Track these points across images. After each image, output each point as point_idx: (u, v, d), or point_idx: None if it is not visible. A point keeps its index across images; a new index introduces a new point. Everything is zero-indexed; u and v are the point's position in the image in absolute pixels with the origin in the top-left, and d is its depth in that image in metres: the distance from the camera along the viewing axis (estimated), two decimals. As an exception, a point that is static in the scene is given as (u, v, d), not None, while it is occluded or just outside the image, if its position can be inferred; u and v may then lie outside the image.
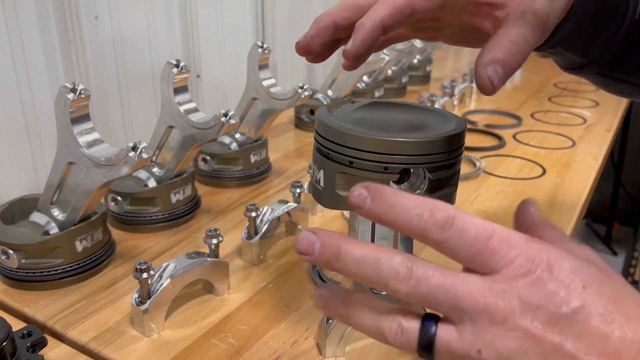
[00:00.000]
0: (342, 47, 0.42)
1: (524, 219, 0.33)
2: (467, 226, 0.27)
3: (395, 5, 0.37)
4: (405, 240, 0.46)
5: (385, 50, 1.09)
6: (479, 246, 0.27)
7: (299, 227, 0.69)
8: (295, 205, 0.67)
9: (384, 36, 0.39)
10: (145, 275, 0.50)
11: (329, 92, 1.09)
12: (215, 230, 0.56)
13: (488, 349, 0.26)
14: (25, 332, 0.45)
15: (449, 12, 0.40)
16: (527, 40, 0.37)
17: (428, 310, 0.29)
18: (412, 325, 0.28)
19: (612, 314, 0.25)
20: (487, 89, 0.36)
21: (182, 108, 0.67)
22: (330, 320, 0.48)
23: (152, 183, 0.70)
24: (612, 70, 0.47)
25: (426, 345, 0.27)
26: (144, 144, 0.54)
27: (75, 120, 0.56)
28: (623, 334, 0.25)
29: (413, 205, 0.28)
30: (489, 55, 0.36)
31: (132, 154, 0.53)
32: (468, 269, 0.28)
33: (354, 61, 0.40)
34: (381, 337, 0.29)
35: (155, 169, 0.71)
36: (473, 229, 0.27)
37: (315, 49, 0.42)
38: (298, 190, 0.68)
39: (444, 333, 0.27)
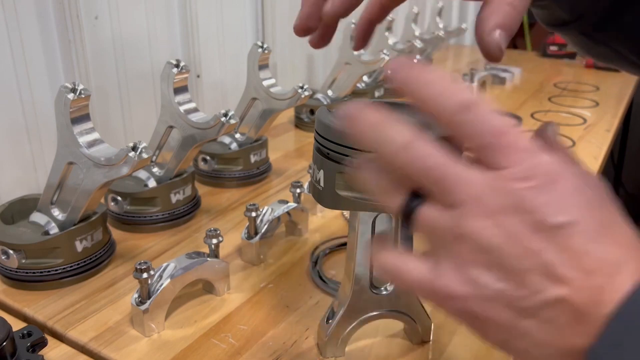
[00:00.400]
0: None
1: (539, 138, 0.32)
2: (486, 116, 0.27)
3: None
4: (406, 240, 0.46)
5: (385, 50, 1.09)
6: (491, 138, 0.27)
7: (299, 227, 0.69)
8: (295, 205, 0.67)
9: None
10: (145, 275, 0.50)
11: (329, 92, 1.09)
12: (215, 230, 0.56)
13: (469, 237, 0.27)
14: (25, 332, 0.45)
15: None
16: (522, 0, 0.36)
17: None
18: (401, 192, 0.29)
19: (597, 236, 0.26)
20: (496, 54, 0.36)
21: (182, 108, 0.67)
22: (330, 320, 0.48)
23: (152, 183, 0.70)
24: (596, 30, 0.47)
25: (408, 213, 0.29)
26: (144, 144, 0.54)
27: (75, 120, 0.56)
28: (603, 255, 0.25)
29: (439, 81, 0.28)
30: (491, 21, 0.35)
31: (132, 154, 0.53)
32: (473, 161, 0.28)
33: (332, 20, 0.41)
34: (375, 195, 0.31)
35: (155, 169, 0.71)
36: (490, 121, 0.27)
37: (313, 27, 0.42)
38: (298, 190, 0.68)
39: (428, 210, 0.28)
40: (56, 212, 0.60)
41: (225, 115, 0.65)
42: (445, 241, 0.28)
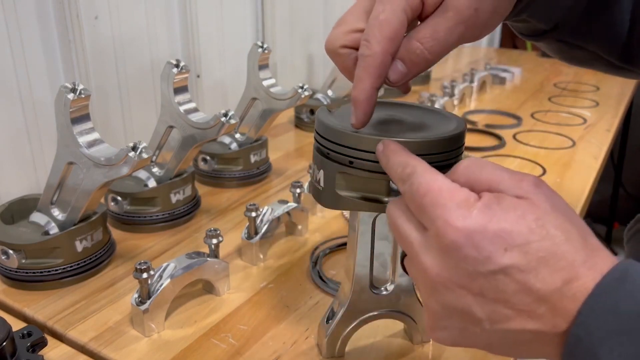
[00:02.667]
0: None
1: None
2: (416, 181, 0.32)
3: (375, 68, 0.37)
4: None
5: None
6: (417, 202, 0.32)
7: (299, 227, 0.69)
8: (295, 205, 0.67)
9: None
10: (145, 275, 0.50)
11: (329, 92, 1.09)
12: (215, 230, 0.56)
13: (431, 285, 0.32)
14: (25, 332, 0.45)
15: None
16: (437, 38, 0.36)
17: None
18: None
19: (536, 270, 0.28)
20: (391, 81, 0.38)
21: (182, 108, 0.67)
22: (330, 320, 0.48)
23: (152, 183, 0.70)
24: (573, 36, 0.50)
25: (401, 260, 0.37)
26: (144, 144, 0.54)
27: (75, 120, 0.56)
28: (545, 284, 0.28)
29: (397, 160, 0.34)
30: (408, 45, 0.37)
31: (132, 154, 0.53)
32: None
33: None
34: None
35: (155, 169, 0.71)
36: (417, 185, 0.32)
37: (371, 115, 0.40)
38: (298, 190, 0.68)
39: (407, 260, 0.35)
40: (56, 212, 0.60)
41: (225, 115, 0.65)
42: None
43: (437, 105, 1.11)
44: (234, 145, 0.83)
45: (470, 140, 1.04)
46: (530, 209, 0.30)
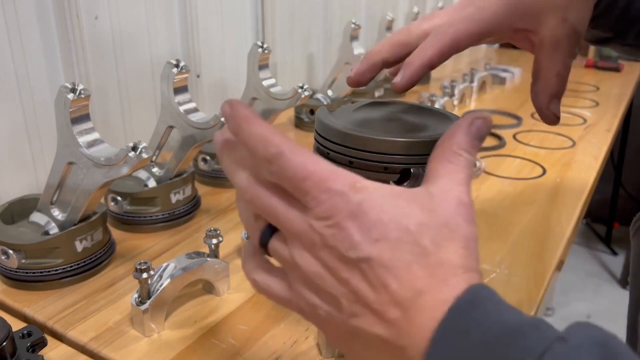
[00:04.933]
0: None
1: (441, 141, 0.34)
2: (289, 164, 0.30)
3: (443, 44, 0.42)
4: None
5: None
6: (294, 184, 0.30)
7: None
8: (295, 205, 0.67)
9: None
10: (145, 275, 0.50)
11: (329, 92, 1.09)
12: (215, 230, 0.56)
13: (299, 267, 0.30)
14: (25, 332, 0.45)
15: (491, 37, 0.45)
16: (567, 65, 0.44)
17: None
18: (258, 225, 0.33)
19: (396, 269, 0.28)
20: (555, 122, 0.46)
21: (182, 108, 0.67)
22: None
23: (152, 183, 0.70)
24: (636, 40, 0.52)
25: (264, 243, 0.33)
26: (144, 144, 0.54)
27: (75, 120, 0.56)
28: (400, 288, 0.28)
29: (255, 134, 0.31)
30: (546, 95, 0.45)
31: (132, 154, 0.53)
32: None
33: (402, 92, 0.44)
34: (242, 219, 0.35)
35: (155, 169, 0.71)
36: (292, 168, 0.30)
37: (365, 83, 0.47)
38: (298, 190, 0.68)
39: (275, 242, 0.32)
40: (56, 212, 0.60)
41: (225, 115, 0.65)
42: (288, 268, 0.32)
43: (437, 105, 1.11)
44: (234, 145, 0.83)
45: (470, 140, 1.04)
46: (418, 213, 0.29)
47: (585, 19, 0.44)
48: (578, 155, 1.00)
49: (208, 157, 0.82)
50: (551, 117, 0.45)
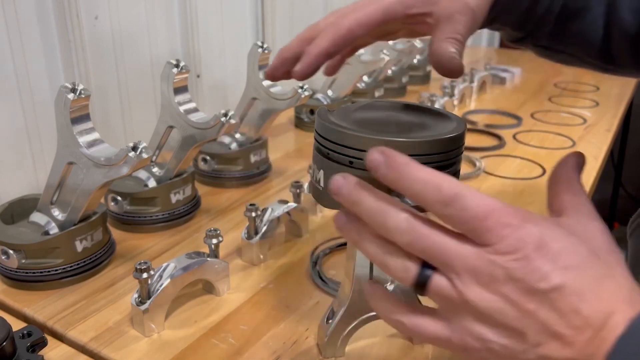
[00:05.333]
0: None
1: (559, 177, 0.37)
2: (468, 205, 0.30)
3: (338, 35, 0.45)
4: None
5: (385, 50, 1.09)
6: (475, 224, 0.30)
7: (299, 227, 0.69)
8: (295, 205, 0.67)
9: (348, 48, 0.50)
10: (145, 275, 0.50)
11: (329, 92, 1.09)
12: (215, 230, 0.56)
13: (472, 303, 0.30)
14: (25, 332, 0.45)
15: (390, 25, 0.47)
16: (461, 32, 0.45)
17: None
18: (413, 266, 0.32)
19: (585, 293, 0.29)
20: (458, 66, 0.44)
21: (182, 108, 0.67)
22: (330, 320, 0.48)
23: (152, 183, 0.70)
24: (549, 42, 0.53)
25: (421, 284, 0.32)
26: (144, 144, 0.54)
27: (75, 120, 0.56)
28: (590, 312, 0.29)
29: (421, 179, 0.31)
30: (441, 45, 0.45)
31: (132, 154, 0.53)
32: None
33: (303, 79, 0.48)
34: (384, 268, 0.33)
35: (155, 169, 0.71)
36: (472, 209, 0.30)
37: (281, 77, 0.51)
38: (298, 190, 0.68)
39: (438, 280, 0.31)
40: (56, 212, 0.60)
41: (225, 115, 0.65)
42: (454, 306, 0.31)
43: (437, 105, 1.11)
44: (234, 145, 0.83)
45: (470, 140, 1.04)
46: (585, 238, 0.31)
47: (482, 1, 0.46)
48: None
49: (208, 157, 0.82)
50: (453, 60, 0.44)
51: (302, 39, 0.49)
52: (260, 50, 0.80)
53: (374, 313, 0.48)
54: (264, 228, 0.63)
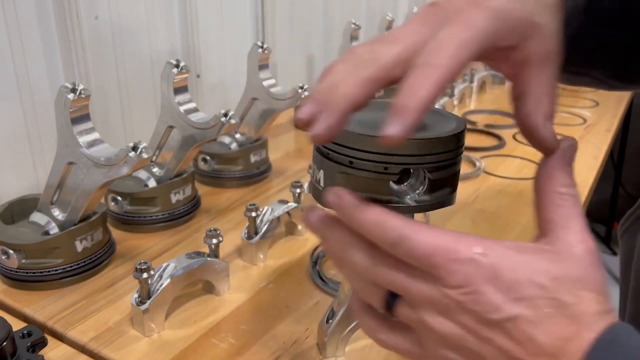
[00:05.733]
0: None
1: (543, 186, 0.35)
2: (412, 246, 0.31)
3: (438, 80, 0.31)
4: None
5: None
6: (422, 262, 0.31)
7: (299, 227, 0.69)
8: (295, 205, 0.67)
9: None
10: (145, 275, 0.50)
11: (329, 92, 1.08)
12: (215, 230, 0.56)
13: (434, 329, 0.31)
14: (25, 332, 0.45)
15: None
16: (556, 83, 0.39)
17: None
18: (380, 292, 0.34)
19: (541, 323, 0.29)
20: (554, 146, 0.39)
21: (182, 108, 0.67)
22: (330, 320, 0.48)
23: (152, 183, 0.70)
24: (577, 66, 0.49)
25: (388, 308, 0.34)
26: (144, 144, 0.54)
27: (75, 120, 0.56)
28: (545, 340, 0.29)
29: (367, 222, 0.32)
30: (540, 114, 0.39)
31: (132, 154, 0.53)
32: None
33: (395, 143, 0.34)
34: (356, 289, 0.36)
35: (155, 169, 0.71)
36: (416, 249, 0.31)
37: (334, 137, 0.35)
38: (298, 190, 0.68)
39: (402, 307, 0.33)
40: (56, 212, 0.60)
41: (225, 115, 0.65)
42: (419, 329, 0.32)
43: (437, 105, 1.11)
44: (234, 145, 0.83)
45: (470, 140, 1.04)
46: (550, 267, 0.30)
47: (560, 37, 0.39)
48: (578, 155, 0.99)
49: (208, 157, 0.82)
50: (550, 140, 0.38)
51: (366, 81, 0.33)
52: (260, 50, 0.80)
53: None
54: (264, 228, 0.63)
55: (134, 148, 0.54)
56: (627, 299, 0.56)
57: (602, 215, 2.48)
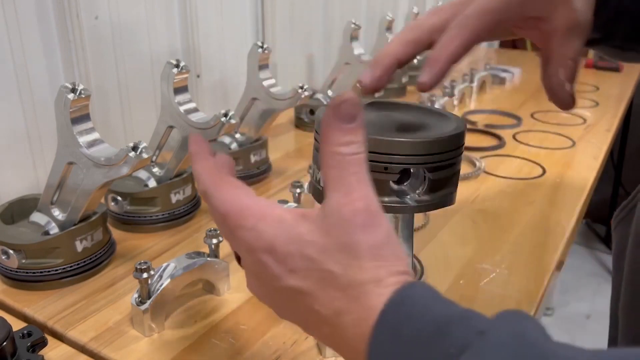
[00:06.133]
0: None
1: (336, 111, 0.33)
2: (213, 203, 0.34)
3: (464, 38, 0.40)
4: (406, 240, 0.46)
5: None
6: (219, 221, 0.34)
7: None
8: (295, 205, 0.67)
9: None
10: (145, 275, 0.50)
11: (329, 92, 1.09)
12: (215, 230, 0.56)
13: (254, 277, 0.34)
14: (25, 332, 0.45)
15: (501, 28, 0.44)
16: (580, 52, 0.43)
17: None
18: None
19: (314, 293, 0.30)
20: (571, 105, 0.43)
21: (182, 108, 0.67)
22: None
23: (152, 183, 0.70)
24: (625, 42, 0.51)
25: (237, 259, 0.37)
26: (144, 144, 0.54)
27: (75, 120, 0.56)
28: (322, 307, 0.30)
29: (194, 171, 0.36)
30: (559, 76, 0.43)
31: (132, 154, 0.53)
32: None
33: (429, 90, 0.42)
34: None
35: (155, 169, 0.71)
36: (217, 208, 0.34)
37: (382, 88, 0.44)
38: (298, 190, 0.68)
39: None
40: (56, 212, 0.60)
41: (225, 115, 0.65)
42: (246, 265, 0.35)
43: (437, 105, 1.11)
44: (234, 145, 0.83)
45: (470, 140, 1.04)
46: (318, 238, 0.30)
47: (589, 11, 0.44)
48: (578, 155, 1.00)
49: (208, 157, 0.82)
50: (568, 99, 0.43)
51: (406, 42, 0.44)
52: (260, 50, 0.80)
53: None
54: (264, 228, 0.63)
55: (134, 148, 0.54)
56: (619, 289, 0.56)
57: (602, 215, 2.48)
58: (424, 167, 0.39)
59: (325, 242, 0.30)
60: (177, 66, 0.67)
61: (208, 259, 0.55)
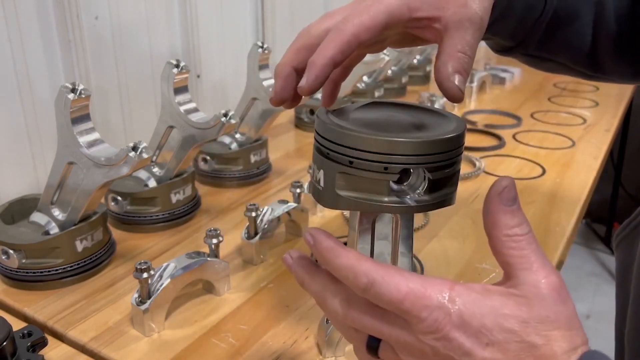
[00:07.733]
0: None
1: (492, 234, 0.35)
2: (382, 292, 0.32)
3: (342, 41, 0.41)
4: (406, 240, 0.46)
5: (385, 50, 1.09)
6: (393, 307, 0.32)
7: (299, 227, 0.69)
8: (295, 205, 0.67)
9: (342, 64, 0.44)
10: (145, 275, 0.50)
11: (329, 92, 1.09)
12: (215, 230, 0.56)
13: None
14: (25, 332, 0.45)
15: (391, 30, 0.44)
16: (471, 45, 0.43)
17: None
18: (361, 335, 0.35)
19: None
20: (458, 96, 0.42)
21: (182, 108, 0.67)
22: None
23: (152, 183, 0.70)
24: (538, 50, 0.53)
25: (372, 349, 0.35)
26: (144, 144, 0.54)
27: (76, 120, 0.56)
28: None
29: (339, 266, 0.33)
30: (447, 68, 0.42)
31: (132, 154, 0.53)
32: None
33: (310, 94, 0.43)
34: (340, 331, 0.37)
35: (155, 169, 0.71)
36: (386, 295, 0.31)
37: (288, 98, 0.45)
38: (298, 190, 0.68)
39: (384, 349, 0.34)
40: (56, 212, 0.60)
41: (225, 115, 0.65)
42: None
43: (437, 105, 1.11)
44: (234, 145, 0.83)
45: (470, 140, 1.04)
46: (517, 312, 0.31)
47: (487, 8, 0.44)
48: (578, 155, 1.00)
49: (208, 157, 0.82)
50: (455, 91, 0.41)
51: (297, 49, 0.46)
52: (260, 50, 0.80)
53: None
54: (264, 228, 0.63)
55: (134, 148, 0.54)
56: (623, 312, 0.56)
57: (602, 215, 2.48)
58: (424, 167, 0.39)
59: (527, 315, 0.31)
60: (177, 66, 0.67)
61: (208, 259, 0.55)
